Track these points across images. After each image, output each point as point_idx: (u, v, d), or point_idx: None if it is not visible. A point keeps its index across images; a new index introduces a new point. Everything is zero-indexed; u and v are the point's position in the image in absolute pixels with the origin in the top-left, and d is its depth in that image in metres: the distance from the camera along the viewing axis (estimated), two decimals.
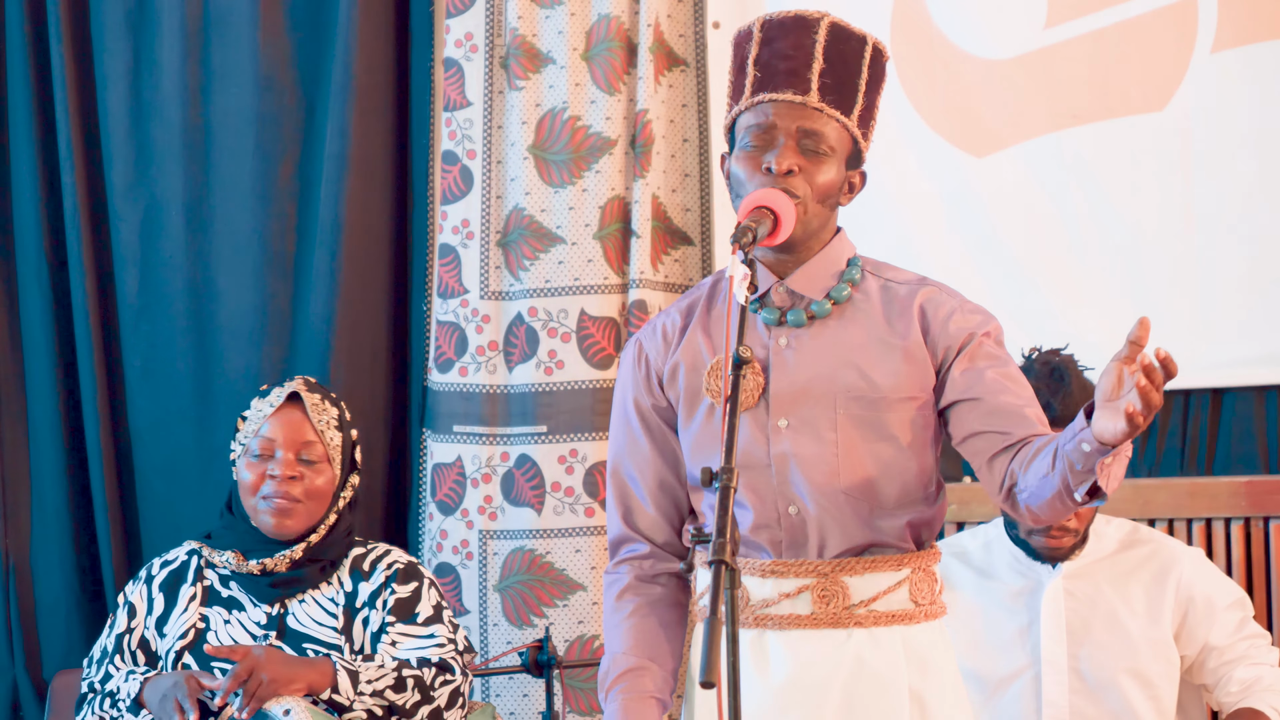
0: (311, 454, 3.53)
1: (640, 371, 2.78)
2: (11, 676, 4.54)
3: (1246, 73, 4.00)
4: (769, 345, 2.69)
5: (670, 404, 2.76)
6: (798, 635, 2.68)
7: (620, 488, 2.80)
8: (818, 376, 2.66)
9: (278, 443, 3.52)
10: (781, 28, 2.68)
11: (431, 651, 3.46)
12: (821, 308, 2.69)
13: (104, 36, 4.59)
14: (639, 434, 2.78)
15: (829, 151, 2.65)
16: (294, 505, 3.50)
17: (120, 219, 4.58)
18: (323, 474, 3.53)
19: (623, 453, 2.80)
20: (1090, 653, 3.47)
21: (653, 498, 2.78)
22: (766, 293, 2.71)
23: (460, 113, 4.51)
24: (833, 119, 2.65)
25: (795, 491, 2.66)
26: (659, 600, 2.78)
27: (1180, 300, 4.05)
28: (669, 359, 2.76)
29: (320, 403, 3.57)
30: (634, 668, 2.74)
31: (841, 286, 2.70)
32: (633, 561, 2.80)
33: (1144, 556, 3.55)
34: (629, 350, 2.82)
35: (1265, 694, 3.48)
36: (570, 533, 4.40)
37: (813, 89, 2.64)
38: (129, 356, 4.59)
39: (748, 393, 2.67)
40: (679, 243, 4.50)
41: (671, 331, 2.77)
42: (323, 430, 3.54)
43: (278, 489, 3.49)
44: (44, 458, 4.60)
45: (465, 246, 4.49)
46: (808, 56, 2.65)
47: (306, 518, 3.51)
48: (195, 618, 3.52)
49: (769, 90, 2.66)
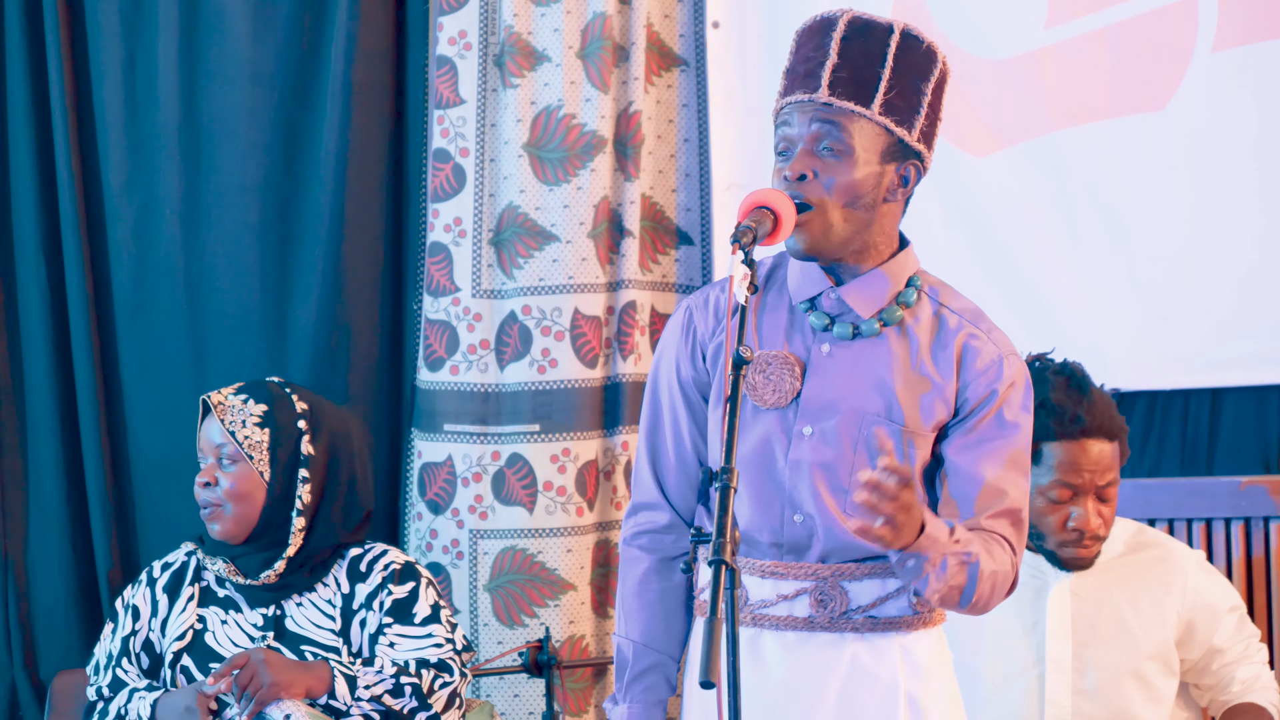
0: (227, 454, 3.50)
1: (686, 343, 2.75)
2: (10, 677, 4.53)
3: (1246, 73, 4.01)
4: (811, 349, 2.67)
5: (709, 379, 2.74)
6: (794, 637, 2.67)
7: (653, 451, 2.78)
8: (850, 393, 2.64)
9: (202, 451, 3.54)
10: (808, 34, 2.65)
11: (429, 652, 3.45)
12: (869, 327, 2.66)
13: (100, 33, 4.57)
14: (678, 401, 2.75)
15: (848, 149, 2.59)
16: (216, 509, 3.49)
17: (116, 217, 4.56)
18: (241, 477, 3.48)
19: (661, 417, 2.77)
20: (1094, 653, 3.48)
21: (684, 466, 2.76)
22: (818, 296, 2.68)
23: (453, 110, 4.49)
24: (846, 110, 2.59)
25: (804, 500, 2.65)
26: (679, 586, 2.77)
27: (1180, 300, 4.06)
28: (715, 336, 2.72)
29: (238, 403, 3.52)
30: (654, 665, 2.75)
31: (894, 308, 2.66)
32: (651, 534, 2.77)
33: (1151, 560, 3.57)
34: (677, 317, 2.78)
35: (1264, 690, 3.54)
36: (561, 532, 4.39)
37: (822, 85, 2.59)
38: (125, 355, 4.57)
39: (781, 393, 2.65)
40: (679, 243, 4.49)
41: (723, 309, 2.72)
42: (234, 430, 3.49)
43: (202, 496, 3.51)
44: (42, 457, 4.59)
45: (457, 244, 4.47)
46: (823, 56, 2.61)
47: (236, 521, 3.48)
48: (192, 618, 3.51)
49: (789, 93, 2.64)
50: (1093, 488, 3.43)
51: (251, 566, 3.49)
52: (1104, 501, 3.46)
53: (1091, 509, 3.44)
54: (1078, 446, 3.41)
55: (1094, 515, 3.44)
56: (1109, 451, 3.44)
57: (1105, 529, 3.48)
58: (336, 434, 3.59)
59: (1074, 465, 3.40)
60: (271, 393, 3.55)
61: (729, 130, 4.42)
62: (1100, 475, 3.43)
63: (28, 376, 4.61)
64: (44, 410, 4.58)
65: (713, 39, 4.43)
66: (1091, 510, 3.44)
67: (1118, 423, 3.46)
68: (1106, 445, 3.44)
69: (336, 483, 3.56)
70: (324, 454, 3.56)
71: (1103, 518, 3.46)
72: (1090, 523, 3.43)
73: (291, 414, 3.55)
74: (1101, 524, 3.46)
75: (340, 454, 3.58)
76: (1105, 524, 3.47)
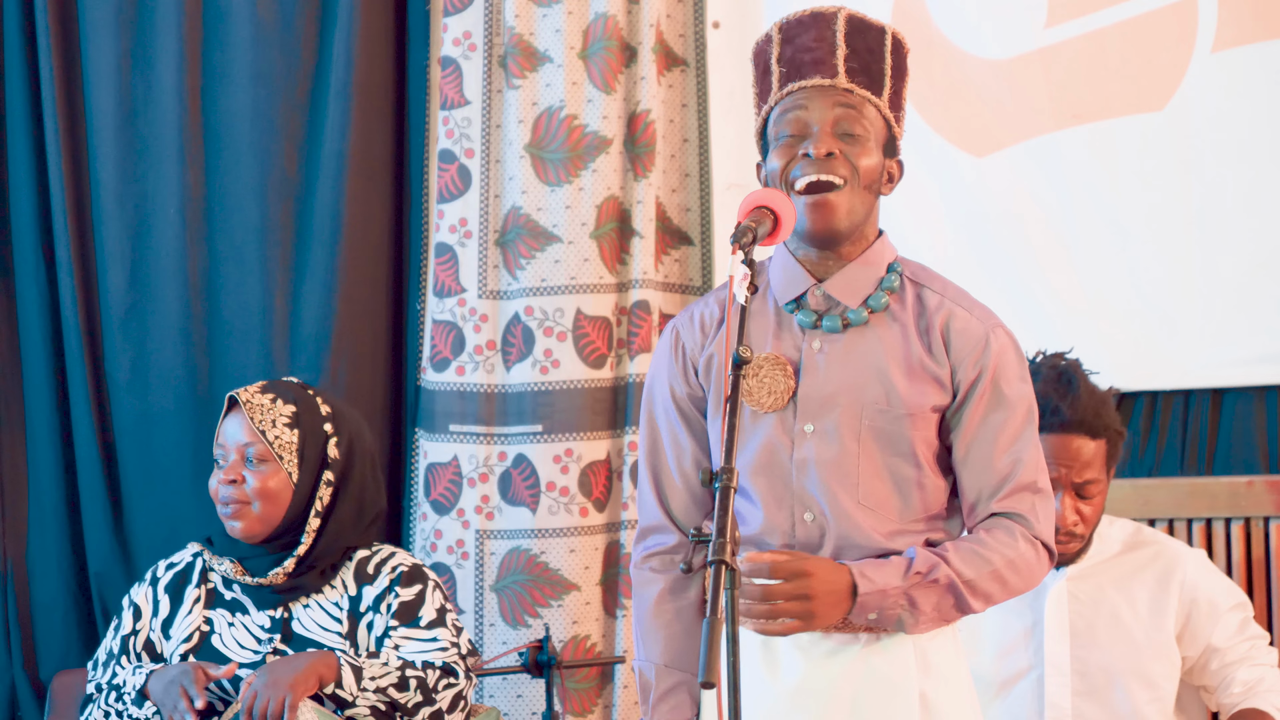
0: (256, 454, 3.50)
1: (677, 360, 2.78)
2: (10, 677, 4.53)
3: (1246, 73, 4.00)
4: (802, 348, 2.68)
5: (704, 393, 2.76)
6: (808, 639, 2.68)
7: (655, 473, 2.80)
8: (847, 385, 2.66)
9: (225, 448, 3.52)
10: (800, 25, 2.69)
11: (434, 655, 3.45)
12: (858, 316, 2.68)
13: (96, 35, 4.58)
14: (676, 421, 2.78)
15: (865, 134, 2.65)
16: (242, 508, 3.48)
17: (108, 218, 4.56)
18: (270, 475, 3.49)
19: (659, 440, 2.80)
20: (1093, 654, 3.47)
21: (688, 484, 2.78)
22: (804, 294, 2.70)
23: (458, 111, 4.50)
24: (865, 99, 2.65)
25: (814, 498, 2.66)
26: (694, 604, 2.77)
27: (1180, 300, 4.06)
28: (705, 349, 2.75)
29: (266, 402, 3.53)
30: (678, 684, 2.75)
31: (880, 295, 2.70)
32: (662, 556, 2.79)
33: (1147, 558, 3.55)
34: (666, 337, 2.81)
35: (1268, 694, 3.48)
36: (565, 533, 4.39)
37: (840, 72, 2.65)
38: (120, 357, 4.56)
39: (777, 394, 2.66)
40: (679, 243, 4.49)
41: (709, 322, 2.77)
42: (265, 430, 3.49)
43: (225, 494, 3.49)
44: (41, 458, 4.59)
45: (463, 245, 4.48)
46: (831, 45, 2.66)
47: (261, 521, 3.48)
48: (199, 620, 3.51)
49: (797, 79, 2.66)
50: (1070, 484, 3.41)
51: (260, 566, 3.49)
52: (1084, 499, 3.43)
53: (1069, 505, 3.41)
54: (1058, 440, 3.40)
55: (1070, 511, 3.42)
56: (1090, 449, 3.42)
57: (1084, 527, 3.46)
58: (355, 437, 3.61)
59: (1052, 458, 3.37)
60: (296, 394, 3.57)
61: (729, 130, 4.42)
62: (1078, 472, 3.41)
63: (26, 378, 4.61)
64: (44, 412, 4.59)
65: (713, 39, 4.44)
66: (1069, 506, 3.41)
67: (1103, 421, 3.44)
68: (1088, 442, 3.42)
69: (352, 485, 3.58)
70: (345, 457, 3.57)
71: (1081, 515, 3.43)
72: (1066, 518, 3.41)
73: (318, 416, 3.57)
74: (1079, 521, 3.44)
75: (357, 457, 3.59)
76: (1084, 521, 3.45)
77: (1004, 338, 2.71)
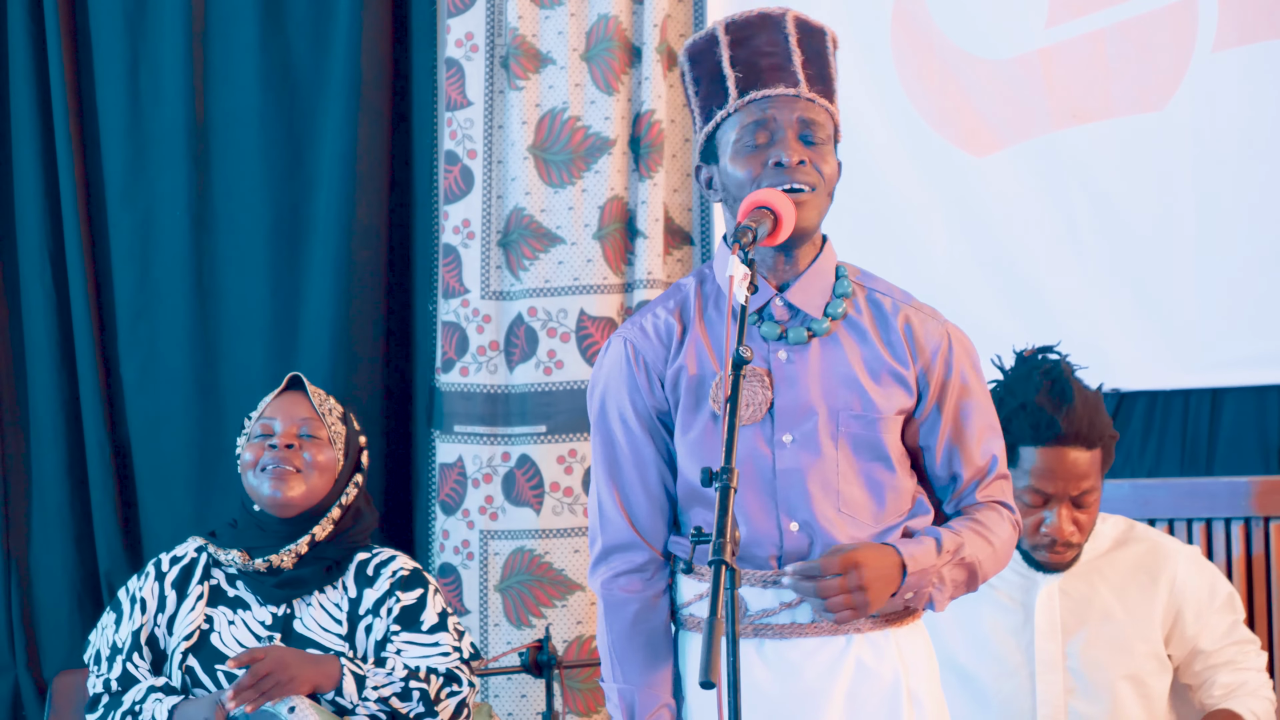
0: (312, 430, 3.54)
1: (640, 374, 2.73)
2: (13, 676, 4.54)
3: (1246, 73, 4.00)
4: (769, 359, 2.68)
5: (670, 407, 2.73)
6: (798, 643, 2.68)
7: (619, 490, 2.74)
8: (821, 395, 2.66)
9: (278, 420, 3.54)
10: (750, 27, 2.68)
11: (437, 661, 3.45)
12: (820, 326, 2.69)
13: (103, 37, 4.59)
14: (638, 436, 2.73)
15: (826, 140, 2.66)
16: (297, 474, 3.50)
17: (118, 219, 4.58)
18: (324, 451, 3.53)
19: (619, 455, 2.75)
20: (1084, 651, 3.46)
21: (652, 499, 2.74)
22: (765, 305, 2.70)
23: (461, 112, 4.51)
24: (823, 108, 2.66)
25: (799, 507, 2.66)
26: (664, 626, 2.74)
27: (1180, 300, 4.05)
28: (671, 363, 2.71)
29: (323, 393, 3.61)
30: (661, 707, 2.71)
31: (837, 302, 2.70)
32: (629, 575, 2.73)
33: (1138, 555, 3.52)
34: (617, 351, 2.75)
35: (1247, 699, 3.45)
36: (569, 533, 4.40)
37: (802, 81, 2.65)
38: (127, 357, 4.58)
39: (755, 406, 2.66)
40: (681, 242, 4.50)
41: (667, 334, 2.72)
42: (324, 414, 3.55)
43: (277, 457, 3.50)
44: (45, 458, 4.60)
45: (466, 246, 4.49)
46: (787, 51, 2.66)
47: (307, 490, 3.50)
48: (200, 618, 3.50)
49: (760, 87, 2.65)
50: (1067, 495, 3.38)
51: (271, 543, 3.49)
52: (1080, 508, 3.40)
53: (1065, 516, 3.39)
54: (1053, 453, 3.36)
55: (1067, 522, 3.39)
56: (1086, 460, 3.38)
57: (1080, 535, 3.43)
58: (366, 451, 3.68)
59: (1049, 472, 3.36)
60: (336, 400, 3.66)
61: None
62: (1075, 484, 3.37)
63: (31, 378, 4.63)
64: (48, 412, 4.60)
65: None
66: (1065, 517, 3.39)
67: (1098, 430, 3.39)
68: (1084, 453, 3.38)
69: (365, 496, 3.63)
70: (367, 470, 3.65)
71: (1078, 524, 3.41)
72: (1063, 530, 3.38)
73: (355, 425, 3.65)
74: (1075, 530, 3.41)
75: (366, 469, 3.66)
76: (1080, 530, 3.42)
77: (957, 332, 2.77)
